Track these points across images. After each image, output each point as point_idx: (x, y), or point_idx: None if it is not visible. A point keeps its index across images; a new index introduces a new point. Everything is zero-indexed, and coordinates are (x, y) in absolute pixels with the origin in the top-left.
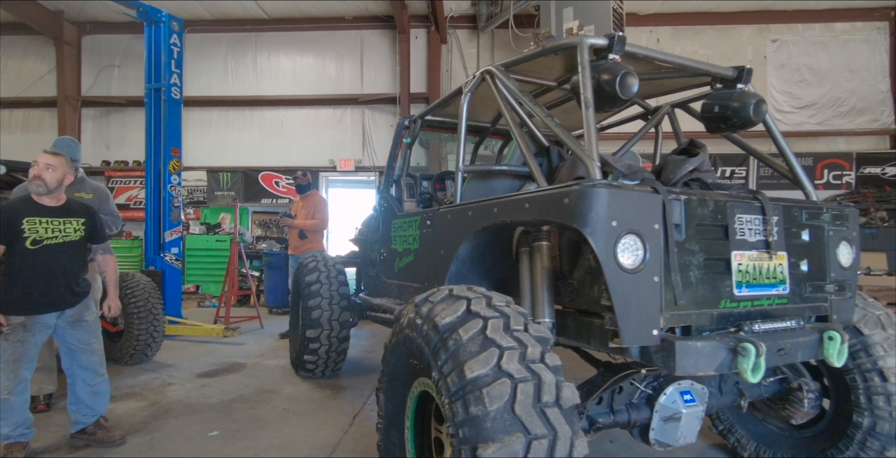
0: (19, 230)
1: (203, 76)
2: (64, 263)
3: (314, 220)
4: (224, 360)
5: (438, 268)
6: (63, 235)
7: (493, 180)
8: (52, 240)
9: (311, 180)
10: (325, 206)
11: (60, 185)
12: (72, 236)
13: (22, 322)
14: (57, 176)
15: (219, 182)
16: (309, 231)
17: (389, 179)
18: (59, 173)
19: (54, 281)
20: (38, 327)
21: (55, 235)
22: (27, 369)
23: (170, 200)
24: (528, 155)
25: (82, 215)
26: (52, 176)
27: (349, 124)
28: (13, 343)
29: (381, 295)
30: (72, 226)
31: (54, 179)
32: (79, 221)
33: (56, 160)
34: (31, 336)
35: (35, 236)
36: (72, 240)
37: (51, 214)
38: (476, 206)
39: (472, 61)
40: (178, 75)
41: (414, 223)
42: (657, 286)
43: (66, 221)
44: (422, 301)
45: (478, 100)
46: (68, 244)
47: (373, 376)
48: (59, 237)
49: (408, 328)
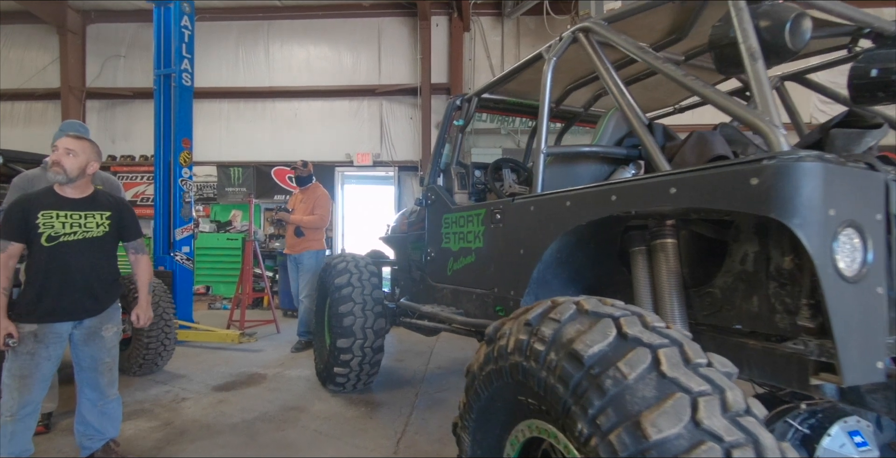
0: (34, 225)
1: (212, 66)
2: (83, 263)
3: (313, 216)
4: (241, 370)
5: (516, 271)
6: (83, 230)
7: (577, 166)
8: (70, 236)
9: (312, 172)
10: (327, 201)
11: (83, 173)
12: (94, 231)
13: (33, 331)
14: (79, 163)
15: (229, 178)
16: (307, 228)
17: (436, 168)
18: (81, 159)
19: (71, 284)
20: (52, 337)
21: (74, 230)
22: (38, 389)
23: (180, 195)
24: (641, 131)
25: (108, 208)
26: (73, 163)
27: (366, 117)
28: (21, 356)
29: (428, 301)
30: (94, 220)
31: (75, 167)
32: (103, 216)
33: (78, 145)
34: (44, 348)
35: (51, 231)
36: (94, 236)
37: (72, 206)
38: (578, 194)
39: (496, 50)
40: (189, 60)
41: (476, 218)
42: (882, 300)
43: (89, 215)
44: (537, 318)
45: (532, 74)
46: (90, 241)
47: (408, 390)
48: (78, 233)
49: (517, 355)
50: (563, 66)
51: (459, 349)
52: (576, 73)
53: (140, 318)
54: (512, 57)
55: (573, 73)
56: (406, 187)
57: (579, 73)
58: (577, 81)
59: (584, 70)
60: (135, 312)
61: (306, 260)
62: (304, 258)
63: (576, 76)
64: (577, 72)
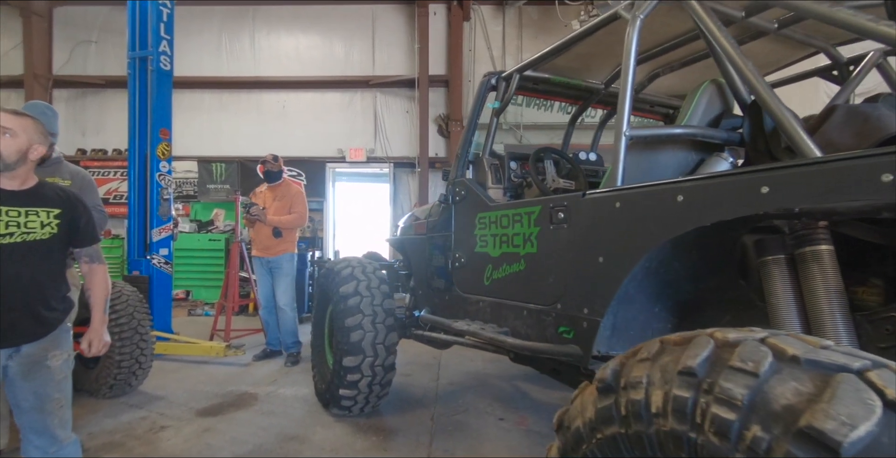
0: None
1: (193, 54)
2: (23, 273)
3: (293, 215)
4: (229, 388)
5: (591, 284)
6: (23, 231)
7: (659, 154)
8: (5, 239)
9: (283, 167)
10: (304, 198)
11: (24, 158)
12: (37, 233)
13: None
14: (18, 145)
15: (211, 174)
16: (286, 228)
17: (465, 159)
18: (20, 141)
19: (5, 300)
20: None
21: (10, 231)
22: None
23: (158, 192)
24: (773, 104)
25: (57, 205)
26: (11, 145)
27: (359, 110)
28: None
29: (454, 315)
30: (38, 219)
31: (13, 150)
32: (49, 214)
33: (18, 122)
34: None
35: None
36: (37, 239)
37: (9, 201)
38: (699, 186)
39: (497, 40)
40: (168, 43)
41: (526, 217)
42: None
43: (31, 213)
44: (704, 365)
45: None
46: (32, 246)
47: (422, 412)
48: (16, 235)
49: (674, 420)
50: (616, 39)
51: (469, 361)
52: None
53: (92, 345)
54: (514, 48)
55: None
56: (402, 185)
57: (640, 46)
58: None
59: (648, 41)
60: (86, 337)
61: (285, 264)
62: (283, 262)
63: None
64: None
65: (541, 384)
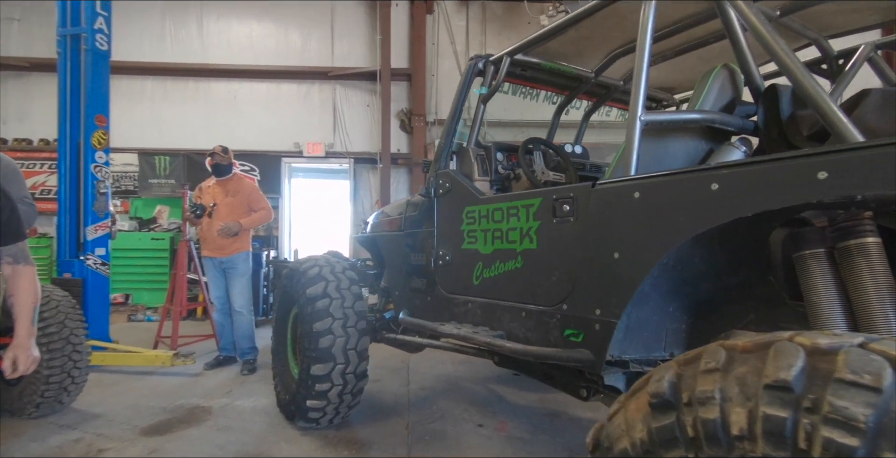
0: None
1: (132, 38)
2: None
3: (261, 211)
4: (178, 402)
5: (607, 283)
6: None
7: (669, 142)
8: None
9: (233, 160)
10: (261, 193)
11: None
12: None
13: None
14: None
15: (154, 168)
16: (250, 226)
17: (448, 149)
18: None
19: None
20: None
21: None
22: None
23: (94, 185)
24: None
25: None
26: None
27: (317, 102)
28: None
29: (438, 317)
30: None
31: None
32: None
33: None
34: None
35: None
36: None
37: None
38: (738, 173)
39: (461, 35)
40: (105, 19)
41: (524, 211)
42: None
43: None
44: (800, 377)
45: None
46: None
47: (396, 421)
48: None
49: (765, 444)
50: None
51: (439, 363)
52: (624, 34)
53: (18, 363)
54: (478, 44)
55: (622, 34)
56: (362, 181)
57: (629, 35)
58: (627, 45)
59: None
60: (9, 352)
61: (241, 264)
62: (238, 262)
63: (626, 38)
64: (626, 32)
65: (515, 385)
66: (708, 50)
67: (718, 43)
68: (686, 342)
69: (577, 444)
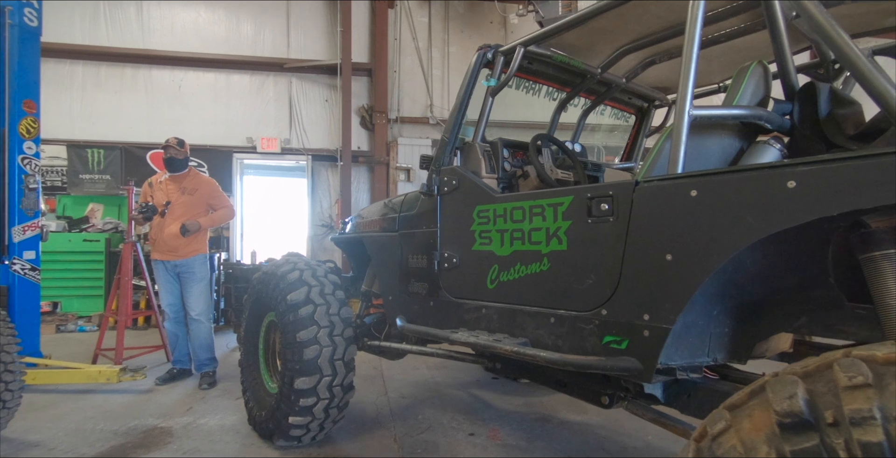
0: None
1: (63, 18)
2: None
3: (224, 209)
4: (130, 423)
5: (657, 286)
6: None
7: (706, 139)
8: None
9: (188, 154)
10: (221, 189)
11: None
12: None
13: None
14: None
15: (85, 162)
16: (211, 225)
17: (453, 144)
18: None
19: None
20: None
21: None
22: None
23: (22, 180)
24: (876, 79)
25: None
26: None
27: (272, 96)
28: None
29: (441, 323)
30: None
31: None
32: None
33: None
34: None
35: None
36: None
37: None
38: (822, 170)
39: (423, 32)
40: None
41: (551, 210)
42: None
43: None
44: None
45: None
46: None
47: (383, 434)
48: None
49: None
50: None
51: (413, 369)
52: (641, 28)
53: None
54: (440, 41)
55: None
56: (321, 180)
57: (645, 29)
58: (639, 41)
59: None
60: None
61: (198, 267)
62: (195, 265)
63: (641, 33)
64: (643, 27)
65: (496, 390)
66: (708, 51)
67: (718, 45)
68: (729, 347)
69: (573, 448)
